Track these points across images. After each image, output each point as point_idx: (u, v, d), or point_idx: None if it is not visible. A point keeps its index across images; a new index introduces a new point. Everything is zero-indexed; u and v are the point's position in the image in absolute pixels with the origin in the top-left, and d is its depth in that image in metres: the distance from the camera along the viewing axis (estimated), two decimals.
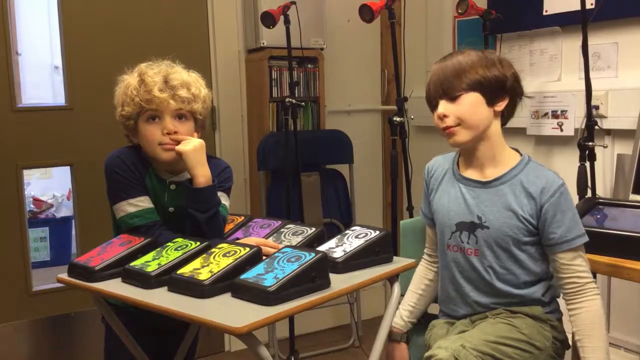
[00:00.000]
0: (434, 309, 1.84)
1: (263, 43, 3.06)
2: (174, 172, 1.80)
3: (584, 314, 1.53)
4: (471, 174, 1.63)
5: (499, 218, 1.56)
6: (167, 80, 1.72)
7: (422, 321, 1.82)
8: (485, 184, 1.59)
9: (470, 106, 1.53)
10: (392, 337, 1.77)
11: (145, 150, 1.76)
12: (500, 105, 1.56)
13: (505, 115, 1.61)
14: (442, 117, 1.56)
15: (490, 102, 1.55)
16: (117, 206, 1.75)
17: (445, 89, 1.54)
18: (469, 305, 1.64)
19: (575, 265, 1.54)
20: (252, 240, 1.69)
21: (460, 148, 1.65)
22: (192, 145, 1.70)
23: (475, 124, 1.55)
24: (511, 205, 1.55)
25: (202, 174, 1.70)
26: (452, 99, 1.54)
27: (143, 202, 1.74)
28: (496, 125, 1.58)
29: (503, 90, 1.55)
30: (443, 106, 1.55)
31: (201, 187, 1.70)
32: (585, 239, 1.55)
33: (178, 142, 1.71)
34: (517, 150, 1.64)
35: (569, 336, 1.66)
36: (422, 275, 1.80)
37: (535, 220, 1.55)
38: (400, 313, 1.79)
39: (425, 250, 1.82)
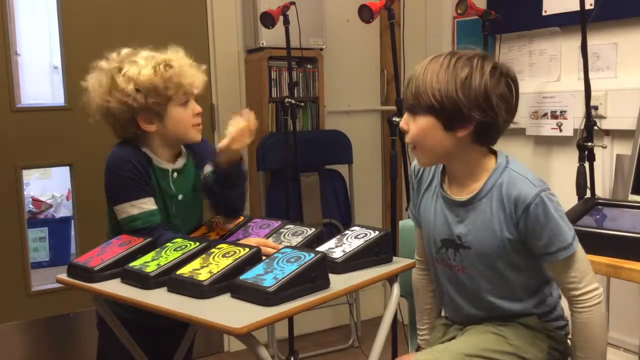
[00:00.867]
0: None
1: (262, 43, 3.06)
2: (173, 160, 1.83)
3: (576, 324, 1.47)
4: (451, 190, 1.53)
5: (478, 238, 1.47)
6: (191, 63, 1.79)
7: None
8: (462, 204, 1.50)
9: (422, 130, 1.43)
10: (418, 350, 1.72)
11: (175, 133, 1.78)
12: (462, 132, 1.40)
13: (481, 141, 1.45)
14: (403, 130, 1.49)
15: (448, 127, 1.41)
16: (120, 207, 1.74)
17: (406, 103, 1.47)
18: (463, 316, 1.59)
19: (564, 277, 1.45)
20: (252, 240, 1.69)
21: None
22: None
23: (428, 148, 1.46)
24: (489, 224, 1.45)
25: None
26: (412, 114, 1.46)
27: (146, 204, 1.74)
28: (467, 148, 1.45)
29: (462, 118, 1.39)
30: (404, 119, 1.47)
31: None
32: (570, 251, 1.41)
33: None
34: (496, 154, 1.51)
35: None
36: (422, 288, 1.73)
37: (515, 236, 1.44)
38: (420, 332, 1.74)
39: (416, 257, 1.73)
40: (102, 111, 1.76)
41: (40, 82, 4.32)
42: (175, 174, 1.82)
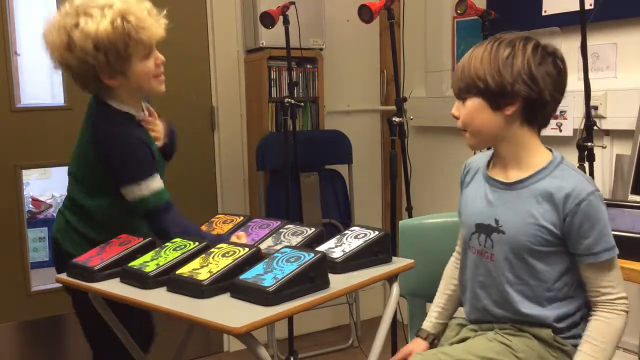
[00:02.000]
0: None
1: (262, 43, 3.06)
2: (139, 111, 1.83)
3: (594, 322, 1.45)
4: (496, 173, 1.54)
5: (516, 223, 1.46)
6: (149, 11, 1.74)
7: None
8: (507, 186, 1.50)
9: (471, 111, 1.47)
10: (418, 333, 1.70)
11: (139, 86, 1.75)
12: (509, 110, 1.43)
13: (530, 119, 1.47)
14: (454, 117, 1.52)
15: (496, 107, 1.44)
16: (129, 188, 1.70)
17: (455, 90, 1.51)
18: (479, 310, 1.56)
19: (600, 280, 1.44)
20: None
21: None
22: None
23: (477, 130, 1.49)
24: (531, 211, 1.44)
25: None
26: (462, 99, 1.50)
27: (156, 183, 1.73)
28: (515, 128, 1.47)
29: (507, 95, 1.42)
30: (455, 107, 1.52)
31: None
32: (613, 253, 1.43)
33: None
34: (552, 151, 1.54)
35: None
36: (451, 275, 1.72)
37: (558, 230, 1.43)
38: (430, 314, 1.72)
39: (456, 248, 1.74)
40: (62, 67, 1.72)
41: (40, 82, 4.31)
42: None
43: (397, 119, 2.60)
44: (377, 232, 1.65)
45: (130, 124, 1.76)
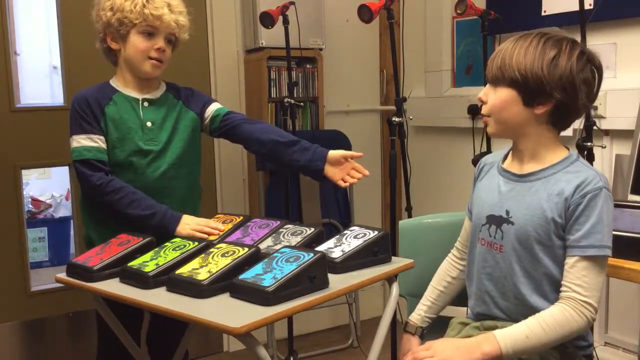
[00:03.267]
0: (450, 311, 1.80)
1: (262, 43, 3.06)
2: (143, 90, 1.93)
3: (553, 307, 1.41)
4: (511, 166, 1.56)
5: (525, 215, 1.47)
6: (170, 4, 1.88)
7: (440, 324, 1.76)
8: (520, 177, 1.51)
9: (501, 101, 1.47)
10: (406, 329, 1.72)
11: (131, 59, 1.88)
12: (540, 109, 1.44)
13: (556, 121, 1.48)
14: (480, 101, 1.52)
15: (528, 103, 1.44)
16: (76, 137, 1.85)
17: (490, 75, 1.50)
18: (485, 303, 1.56)
19: (574, 276, 1.40)
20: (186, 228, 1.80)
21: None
22: None
23: (503, 120, 1.49)
24: (540, 203, 1.45)
25: None
26: (494, 86, 1.49)
27: (99, 142, 1.85)
28: (540, 127, 1.48)
29: (542, 95, 1.43)
30: (484, 91, 1.51)
31: None
32: (601, 252, 1.40)
33: (162, 61, 1.90)
34: (569, 149, 1.53)
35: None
36: (446, 271, 1.73)
37: (563, 221, 1.43)
38: (418, 307, 1.73)
39: (455, 245, 1.74)
40: (95, 28, 1.91)
41: (39, 82, 4.31)
42: (146, 103, 1.92)
43: (396, 119, 2.60)
44: (376, 232, 1.65)
45: (98, 90, 1.90)
